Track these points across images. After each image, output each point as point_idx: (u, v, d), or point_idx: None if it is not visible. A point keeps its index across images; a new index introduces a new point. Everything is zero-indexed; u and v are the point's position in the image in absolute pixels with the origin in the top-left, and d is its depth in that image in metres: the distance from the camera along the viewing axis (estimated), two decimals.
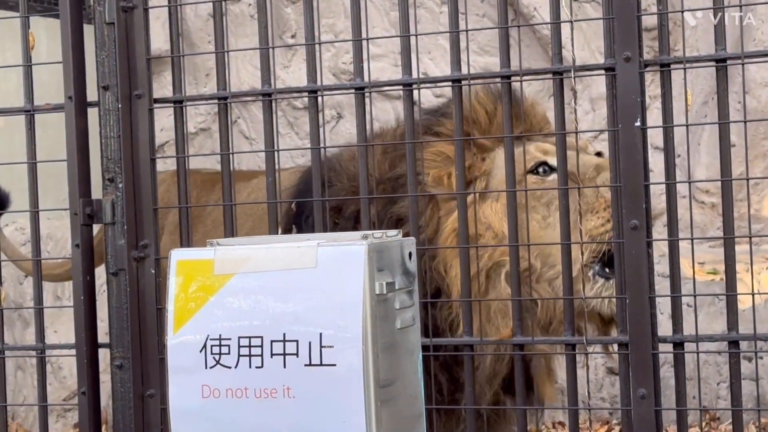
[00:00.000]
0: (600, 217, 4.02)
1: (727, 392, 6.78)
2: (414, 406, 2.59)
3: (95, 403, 4.11)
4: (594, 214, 4.03)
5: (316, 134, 4.02)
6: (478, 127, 4.22)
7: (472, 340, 3.90)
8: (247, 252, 2.53)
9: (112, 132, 4.05)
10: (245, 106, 8.12)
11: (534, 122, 4.33)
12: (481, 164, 4.20)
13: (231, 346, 2.53)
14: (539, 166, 4.16)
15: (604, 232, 3.99)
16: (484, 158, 4.21)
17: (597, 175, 4.05)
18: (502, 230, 4.04)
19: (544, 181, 4.13)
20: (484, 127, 4.22)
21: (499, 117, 4.14)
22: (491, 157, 4.21)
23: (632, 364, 3.64)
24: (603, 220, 4.01)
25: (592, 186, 4.03)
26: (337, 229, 4.17)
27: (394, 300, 2.51)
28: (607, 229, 3.97)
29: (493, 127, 4.18)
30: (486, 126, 4.21)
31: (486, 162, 4.20)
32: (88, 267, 4.10)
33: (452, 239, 4.07)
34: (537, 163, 4.16)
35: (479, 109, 4.21)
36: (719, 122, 3.65)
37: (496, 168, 4.16)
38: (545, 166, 4.16)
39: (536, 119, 4.35)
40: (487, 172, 4.20)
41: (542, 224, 4.09)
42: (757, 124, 6.83)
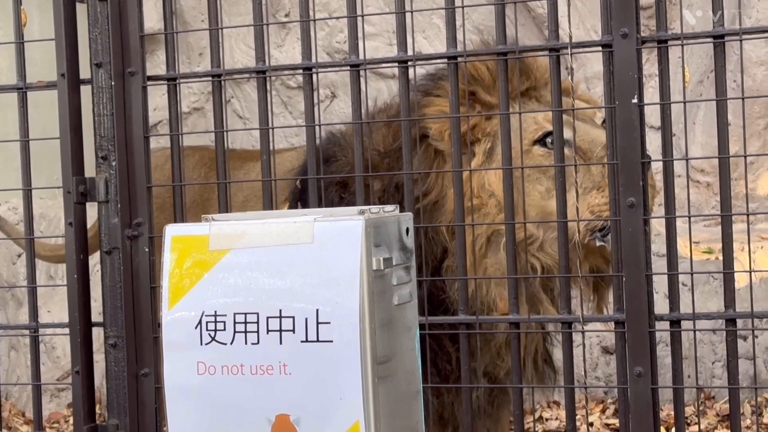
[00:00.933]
0: (604, 196, 3.98)
1: (722, 371, 6.79)
2: (411, 383, 2.57)
3: (89, 382, 4.09)
4: (600, 191, 3.99)
5: (311, 112, 3.99)
6: (481, 83, 4.15)
7: (468, 319, 3.88)
8: (242, 227, 2.51)
9: (106, 110, 4.02)
10: (239, 85, 8.08)
11: (538, 76, 4.24)
12: (486, 124, 4.14)
13: (226, 323, 2.51)
14: (546, 136, 4.11)
15: (607, 210, 3.96)
16: (489, 117, 4.15)
17: (605, 155, 4.00)
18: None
19: (551, 154, 4.05)
20: (487, 83, 4.14)
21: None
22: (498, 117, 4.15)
23: (629, 342, 3.63)
24: (607, 199, 3.97)
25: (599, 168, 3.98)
26: (342, 204, 4.15)
27: (391, 276, 2.49)
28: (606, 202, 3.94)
29: (497, 84, 4.10)
30: (489, 82, 4.13)
31: (492, 122, 4.13)
32: (82, 245, 4.08)
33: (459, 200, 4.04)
34: (544, 134, 4.10)
35: (480, 65, 4.15)
36: (716, 99, 3.62)
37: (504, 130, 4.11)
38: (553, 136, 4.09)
39: (540, 72, 4.25)
40: (493, 133, 4.14)
41: (545, 195, 4.05)
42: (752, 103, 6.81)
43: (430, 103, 4.16)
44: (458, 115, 3.89)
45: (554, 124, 3.78)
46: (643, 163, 3.60)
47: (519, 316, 3.85)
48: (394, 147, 4.18)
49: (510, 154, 3.83)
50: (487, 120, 4.15)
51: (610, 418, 6.68)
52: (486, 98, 4.14)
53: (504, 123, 3.82)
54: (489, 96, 4.14)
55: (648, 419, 3.61)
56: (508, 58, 3.84)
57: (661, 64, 3.66)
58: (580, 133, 3.89)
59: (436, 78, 4.29)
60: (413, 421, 2.59)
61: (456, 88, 3.87)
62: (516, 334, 3.86)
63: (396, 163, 4.12)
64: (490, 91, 4.14)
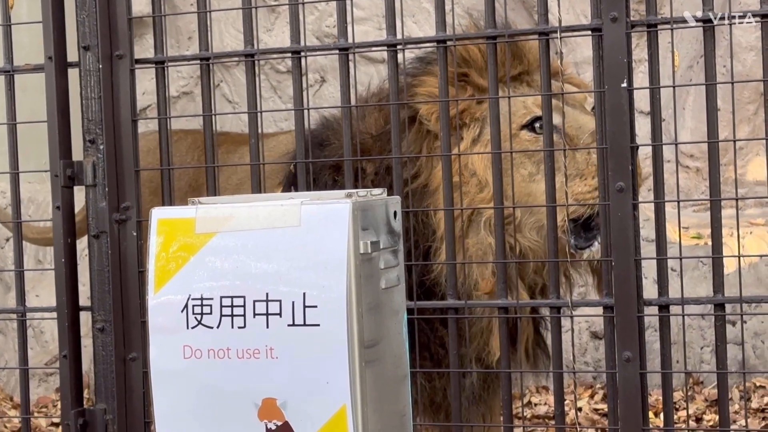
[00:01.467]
0: (587, 185, 3.97)
1: (711, 356, 6.80)
2: (399, 367, 2.56)
3: (77, 366, 4.08)
4: (582, 179, 3.99)
5: (300, 96, 3.98)
6: (474, 65, 4.14)
7: (457, 303, 3.87)
8: (229, 210, 2.50)
9: (93, 93, 4.01)
10: (228, 69, 8.06)
11: (531, 60, 4.22)
12: (476, 109, 4.13)
13: (213, 306, 2.49)
14: (535, 121, 4.10)
15: (591, 198, 3.95)
16: (479, 101, 4.14)
17: (592, 142, 3.99)
18: (486, 177, 4.00)
19: (538, 140, 4.05)
20: (480, 65, 4.12)
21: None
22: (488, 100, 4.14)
23: (617, 327, 3.63)
24: (590, 188, 3.96)
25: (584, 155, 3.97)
26: (336, 187, 4.14)
27: (378, 260, 2.48)
28: (595, 196, 3.93)
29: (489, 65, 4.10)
30: (482, 64, 4.11)
31: (482, 106, 4.12)
32: (69, 229, 4.06)
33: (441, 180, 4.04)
34: (533, 118, 4.09)
35: (473, 47, 4.13)
36: (706, 83, 3.62)
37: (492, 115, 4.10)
38: (541, 121, 4.08)
39: (532, 55, 4.21)
40: (482, 118, 4.13)
41: (528, 179, 4.04)
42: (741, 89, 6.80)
43: (421, 83, 4.15)
44: (447, 99, 3.88)
45: (543, 109, 3.77)
46: (632, 147, 3.59)
47: (508, 301, 3.84)
48: (386, 130, 4.17)
49: (499, 139, 3.82)
50: (477, 104, 4.13)
51: (598, 403, 6.69)
52: (478, 81, 4.13)
53: (493, 108, 3.81)
54: (481, 79, 4.12)
55: (636, 404, 3.61)
56: (497, 42, 3.83)
57: (650, 48, 3.65)
58: (568, 119, 3.88)
59: (425, 62, 4.28)
60: (401, 406, 2.58)
61: (445, 72, 3.86)
62: (504, 318, 3.85)
63: (387, 146, 4.11)
64: (482, 73, 4.12)
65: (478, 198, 4.04)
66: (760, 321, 6.83)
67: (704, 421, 6.28)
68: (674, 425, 3.75)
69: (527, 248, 4.08)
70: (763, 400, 6.45)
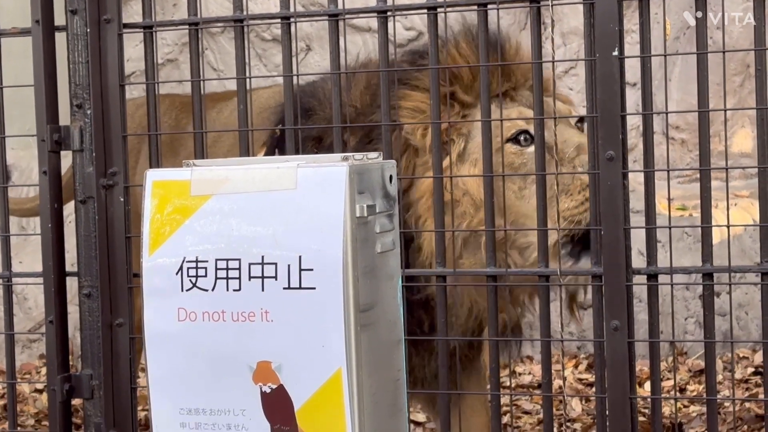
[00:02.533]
0: (574, 200, 3.97)
1: (695, 327, 6.83)
2: (393, 332, 2.56)
3: (63, 331, 4.07)
4: (568, 195, 3.98)
5: (289, 62, 3.96)
6: (460, 82, 4.13)
7: (445, 271, 3.87)
8: (224, 173, 2.48)
9: (81, 57, 3.98)
10: (213, 37, 8.01)
11: (519, 76, 4.22)
12: (462, 125, 4.12)
13: (208, 269, 2.48)
14: (520, 134, 4.08)
15: (578, 214, 3.95)
16: (465, 115, 4.13)
17: (576, 156, 3.98)
18: (480, 197, 3.98)
19: (523, 152, 4.05)
20: (466, 83, 4.12)
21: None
22: (472, 116, 4.12)
23: (606, 296, 3.63)
24: (577, 203, 3.96)
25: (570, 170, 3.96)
26: None
27: (374, 223, 2.46)
28: (580, 212, 3.93)
29: (476, 83, 4.05)
30: (469, 82, 4.10)
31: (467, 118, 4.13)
32: (56, 194, 4.04)
33: (427, 198, 4.02)
34: (517, 132, 4.08)
35: (461, 61, 4.12)
36: (697, 53, 3.61)
37: (476, 129, 4.06)
38: (526, 134, 4.06)
39: (521, 71, 4.22)
40: (467, 133, 4.13)
41: (518, 194, 4.03)
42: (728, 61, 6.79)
43: (407, 97, 4.13)
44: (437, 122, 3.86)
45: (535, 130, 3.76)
46: (622, 116, 3.58)
47: (496, 269, 3.84)
48: (372, 105, 4.16)
49: (491, 159, 3.80)
50: (462, 117, 4.13)
51: (582, 373, 6.71)
52: (464, 98, 4.13)
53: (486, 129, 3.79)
54: (467, 96, 4.13)
55: (624, 373, 3.62)
56: (488, 9, 3.81)
57: (641, 17, 3.64)
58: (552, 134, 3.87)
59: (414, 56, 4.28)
60: (395, 370, 2.58)
61: (435, 40, 3.84)
62: (494, 287, 3.85)
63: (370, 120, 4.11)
64: (468, 90, 4.13)
65: (475, 221, 4.02)
66: (744, 292, 6.86)
67: (688, 391, 6.31)
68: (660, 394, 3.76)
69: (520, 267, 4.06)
70: (746, 371, 6.49)
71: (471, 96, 4.12)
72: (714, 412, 3.69)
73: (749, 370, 6.51)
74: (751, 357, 6.72)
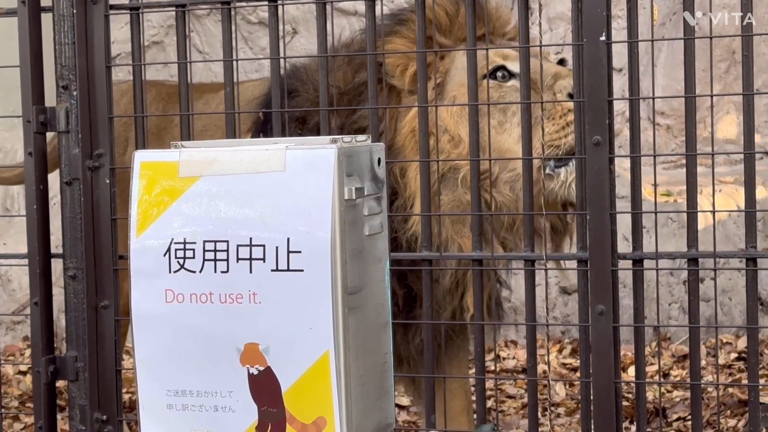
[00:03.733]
0: (556, 124, 3.99)
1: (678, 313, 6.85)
2: (381, 315, 2.56)
3: (48, 313, 4.06)
4: (550, 120, 3.99)
5: (276, 45, 3.95)
6: (438, 27, 4.17)
7: (431, 255, 3.87)
8: (213, 154, 2.47)
9: (67, 38, 3.96)
10: (199, 19, 7.99)
11: (497, 25, 4.29)
12: (439, 64, 4.15)
13: (196, 251, 2.48)
14: (497, 70, 4.11)
15: (559, 138, 3.96)
16: (443, 57, 4.16)
17: (554, 83, 4.01)
18: (458, 133, 4.01)
19: (501, 87, 4.09)
20: (444, 28, 4.17)
21: (461, 17, 4.10)
22: (451, 57, 4.16)
23: (591, 280, 3.64)
24: (558, 127, 3.98)
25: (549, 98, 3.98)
26: None
27: (362, 206, 2.46)
28: (562, 136, 3.95)
29: (454, 27, 4.14)
30: (447, 26, 4.17)
31: (445, 61, 4.17)
32: (42, 175, 4.03)
33: (410, 139, 4.04)
34: (495, 67, 4.11)
35: (439, 10, 4.15)
36: (685, 38, 3.62)
37: (454, 69, 4.12)
38: (504, 70, 4.10)
39: (500, 22, 4.30)
40: (445, 71, 4.15)
41: (499, 129, 4.05)
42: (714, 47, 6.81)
43: (388, 42, 4.15)
44: (422, 50, 3.86)
45: (521, 62, 3.76)
46: (609, 101, 3.59)
47: (482, 253, 3.84)
48: (355, 84, 4.16)
49: (476, 91, 3.82)
50: (440, 59, 4.14)
51: (567, 357, 6.73)
52: (441, 40, 4.16)
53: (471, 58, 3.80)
54: (444, 38, 4.17)
55: (609, 357, 3.63)
56: None
57: (629, 2, 3.65)
58: (532, 68, 3.88)
59: (396, 19, 4.29)
60: (382, 353, 2.58)
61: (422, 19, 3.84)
62: (479, 271, 3.85)
63: (354, 101, 4.12)
64: (446, 34, 4.16)
65: (454, 154, 4.04)
66: (728, 278, 6.89)
67: (671, 376, 6.33)
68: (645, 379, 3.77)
69: (502, 204, 4.08)
70: (730, 357, 6.52)
71: (450, 39, 4.17)
72: (698, 397, 3.71)
73: (733, 355, 6.54)
74: (735, 342, 6.75)
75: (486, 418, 3.98)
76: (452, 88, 4.12)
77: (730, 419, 5.42)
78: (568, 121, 3.89)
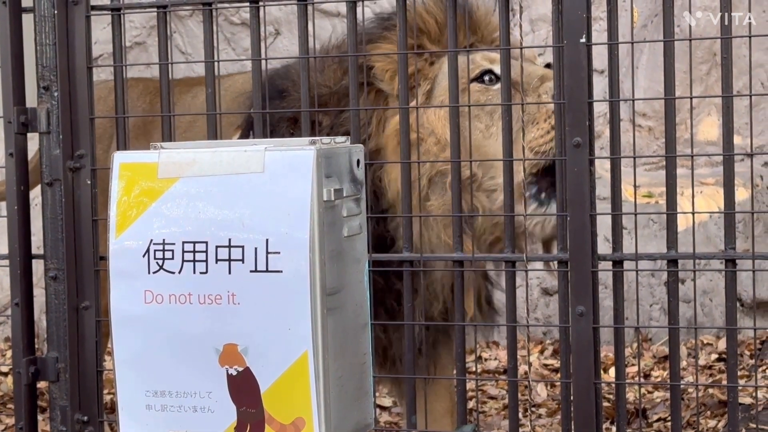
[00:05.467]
0: (540, 128, 4.00)
1: (659, 314, 6.87)
2: (360, 315, 2.57)
3: (29, 314, 4.06)
4: (535, 125, 4.01)
5: (258, 47, 3.96)
6: (428, 36, 4.18)
7: (412, 256, 3.88)
8: (192, 156, 2.48)
9: (48, 39, 3.96)
10: (181, 20, 7.98)
11: (486, 33, 4.30)
12: (428, 70, 4.17)
13: (175, 252, 2.48)
14: (484, 74, 4.12)
15: (544, 143, 3.98)
16: (432, 62, 4.17)
17: (540, 85, 4.02)
18: (445, 137, 4.02)
19: (488, 90, 4.10)
20: (433, 37, 4.18)
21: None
22: (439, 63, 4.17)
23: (571, 281, 3.65)
24: (543, 131, 3.99)
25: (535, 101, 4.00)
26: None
27: (341, 207, 2.47)
28: (547, 140, 3.96)
29: (443, 36, 4.12)
30: (436, 35, 4.17)
31: (434, 67, 4.18)
32: (22, 176, 4.03)
33: (395, 143, 4.05)
34: (482, 71, 4.12)
35: (428, 18, 4.16)
36: (664, 40, 3.63)
37: (442, 74, 4.12)
38: (491, 74, 4.12)
39: (488, 30, 4.31)
40: (433, 77, 4.16)
41: (485, 134, 4.06)
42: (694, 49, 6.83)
43: (376, 48, 4.16)
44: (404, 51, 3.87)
45: (502, 64, 3.77)
46: (589, 103, 3.60)
47: (463, 254, 3.85)
48: (343, 84, 4.17)
49: (457, 93, 3.83)
50: (429, 66, 4.16)
51: (548, 358, 6.75)
52: (432, 48, 4.16)
53: (452, 61, 3.81)
54: (434, 46, 4.17)
55: (589, 358, 3.64)
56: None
57: (609, 4, 3.66)
58: (516, 69, 3.90)
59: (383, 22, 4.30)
60: (361, 354, 2.59)
61: (404, 24, 3.85)
62: (459, 272, 3.86)
63: (344, 100, 4.12)
64: (436, 42, 4.18)
65: (441, 157, 4.05)
66: (709, 279, 6.91)
67: (652, 377, 6.35)
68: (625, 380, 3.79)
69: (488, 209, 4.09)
70: (710, 358, 6.54)
71: (439, 47, 4.18)
72: (677, 397, 3.72)
73: (713, 356, 6.56)
74: (715, 344, 6.77)
75: (467, 418, 3.99)
76: (440, 93, 4.12)
77: (710, 420, 5.44)
78: (553, 124, 3.89)
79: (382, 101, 4.18)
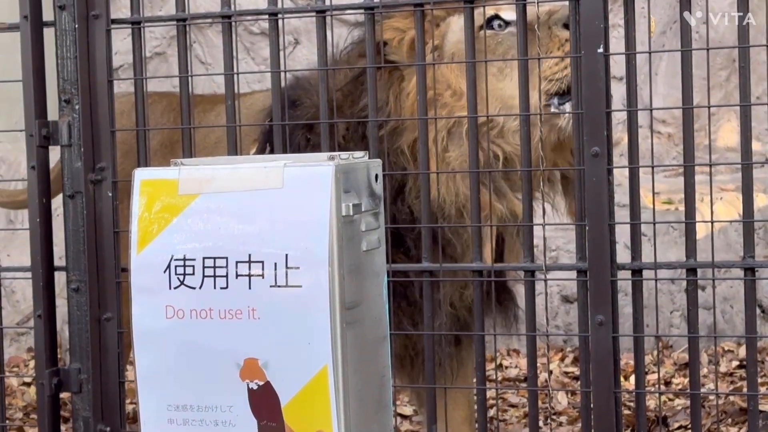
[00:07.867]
0: (555, 60, 4.00)
1: (680, 321, 6.86)
2: (378, 329, 2.58)
3: (51, 326, 4.09)
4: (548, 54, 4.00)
5: (276, 58, 3.98)
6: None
7: (432, 266, 3.90)
8: (212, 172, 2.50)
9: (69, 53, 3.99)
10: (201, 30, 8.03)
11: None
12: (436, 30, 4.19)
13: (195, 267, 2.50)
14: (492, 20, 4.12)
15: (559, 71, 3.97)
16: (438, 24, 4.21)
17: (549, 18, 4.01)
18: (460, 87, 4.03)
19: (498, 35, 4.09)
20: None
21: None
22: (446, 23, 4.19)
23: (591, 290, 3.66)
24: (557, 60, 3.99)
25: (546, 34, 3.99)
26: (309, 146, 4.16)
27: (360, 222, 2.49)
28: (561, 68, 3.96)
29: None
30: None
31: (441, 27, 4.21)
32: (45, 189, 4.06)
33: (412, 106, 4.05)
34: (490, 17, 4.11)
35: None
36: (681, 50, 3.64)
37: (450, 32, 4.16)
38: (499, 20, 4.10)
39: None
40: (442, 36, 4.19)
41: (499, 76, 4.07)
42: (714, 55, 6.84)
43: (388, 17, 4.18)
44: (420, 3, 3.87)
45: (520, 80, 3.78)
46: (607, 113, 3.61)
47: (482, 264, 3.86)
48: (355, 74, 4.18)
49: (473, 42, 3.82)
50: (437, 26, 4.19)
51: (569, 366, 6.74)
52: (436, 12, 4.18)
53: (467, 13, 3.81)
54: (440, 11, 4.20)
55: (608, 367, 3.65)
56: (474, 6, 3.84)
57: (626, 14, 3.67)
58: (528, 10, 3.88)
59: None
60: (380, 367, 2.61)
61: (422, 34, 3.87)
62: (479, 282, 3.88)
63: (359, 99, 4.14)
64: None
65: (458, 107, 4.06)
66: (729, 286, 6.90)
67: (673, 384, 6.34)
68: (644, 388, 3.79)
69: (512, 154, 4.08)
70: (731, 365, 6.53)
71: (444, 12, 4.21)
72: (698, 405, 3.73)
73: (734, 363, 6.55)
74: (736, 350, 6.76)
75: (488, 427, 4.00)
76: (450, 48, 4.14)
77: (731, 427, 5.44)
78: (566, 50, 3.90)
79: (396, 78, 4.19)
